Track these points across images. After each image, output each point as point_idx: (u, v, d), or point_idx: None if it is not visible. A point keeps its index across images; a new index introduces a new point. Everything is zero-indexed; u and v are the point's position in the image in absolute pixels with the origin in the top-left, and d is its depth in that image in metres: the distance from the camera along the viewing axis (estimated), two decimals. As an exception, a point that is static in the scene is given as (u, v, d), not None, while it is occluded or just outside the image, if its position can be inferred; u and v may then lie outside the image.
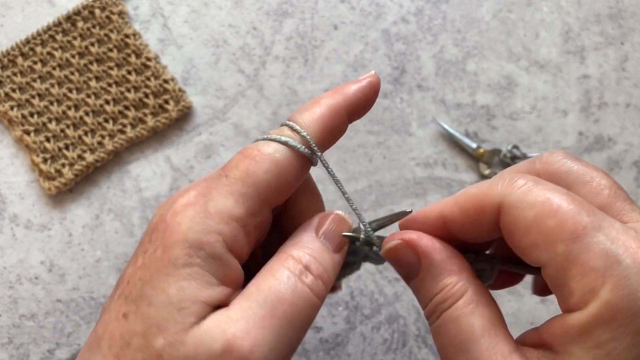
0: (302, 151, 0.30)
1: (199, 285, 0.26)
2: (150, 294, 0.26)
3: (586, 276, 0.23)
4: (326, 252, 0.30)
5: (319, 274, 0.29)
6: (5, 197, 0.59)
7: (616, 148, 0.60)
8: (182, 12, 0.63)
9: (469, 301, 0.27)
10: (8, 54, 0.61)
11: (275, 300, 0.27)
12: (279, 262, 0.29)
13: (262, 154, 0.29)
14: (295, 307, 0.27)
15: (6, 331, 0.56)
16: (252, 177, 0.28)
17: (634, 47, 0.62)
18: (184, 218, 0.27)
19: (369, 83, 0.31)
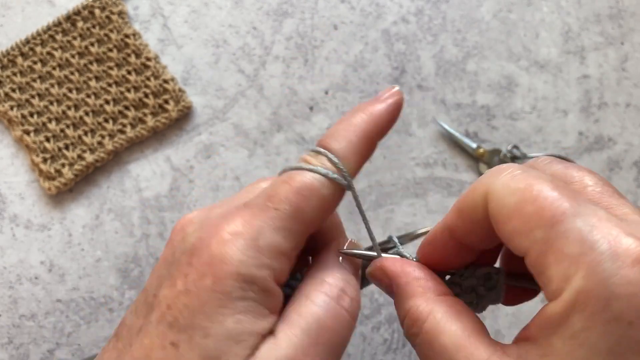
0: (342, 184, 0.30)
1: (254, 318, 0.27)
2: (206, 325, 0.26)
3: (561, 263, 0.23)
4: (353, 275, 0.31)
5: (353, 295, 0.30)
6: (5, 197, 0.59)
7: (616, 148, 0.60)
8: (182, 12, 0.63)
9: (435, 321, 0.27)
10: (8, 54, 0.61)
11: (319, 328, 0.27)
12: (314, 287, 0.29)
13: (311, 190, 0.29)
14: (337, 332, 0.28)
15: (6, 331, 0.56)
16: (300, 213, 0.28)
17: (634, 47, 0.62)
18: (234, 250, 0.27)
19: (396, 104, 0.31)
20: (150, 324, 0.27)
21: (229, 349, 0.26)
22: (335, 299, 0.29)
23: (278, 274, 0.28)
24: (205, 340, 0.26)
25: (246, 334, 0.26)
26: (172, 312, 0.26)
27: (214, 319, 0.26)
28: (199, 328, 0.26)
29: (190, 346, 0.26)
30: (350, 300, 0.29)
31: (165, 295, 0.27)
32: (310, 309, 0.28)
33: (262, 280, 0.27)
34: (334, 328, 0.28)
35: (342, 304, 0.29)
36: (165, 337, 0.26)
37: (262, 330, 0.27)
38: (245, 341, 0.26)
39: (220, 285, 0.26)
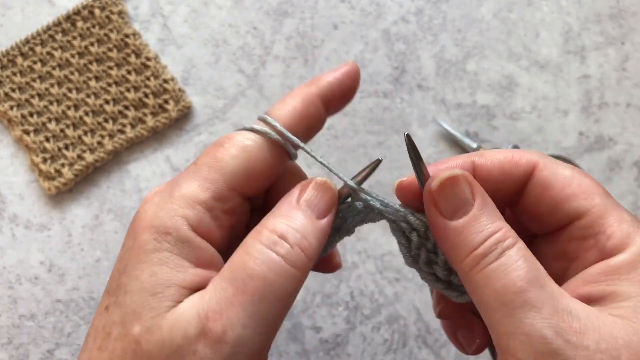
0: (274, 138, 0.30)
1: (171, 270, 0.26)
2: (126, 282, 0.26)
3: (622, 223, 0.27)
4: (307, 219, 0.28)
5: (296, 241, 0.27)
6: (5, 197, 0.59)
7: (616, 148, 0.60)
8: (182, 12, 0.63)
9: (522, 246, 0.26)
10: (8, 54, 0.61)
11: (245, 277, 0.26)
12: (252, 235, 0.28)
13: (230, 140, 0.29)
14: (268, 281, 0.26)
15: (6, 331, 0.56)
16: (218, 162, 0.28)
17: (634, 47, 0.62)
18: (150, 205, 0.28)
19: (346, 72, 0.32)
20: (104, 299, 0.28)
21: (146, 302, 0.26)
22: (270, 246, 0.26)
23: (196, 223, 0.27)
24: (125, 297, 0.26)
25: (162, 286, 0.26)
26: (110, 281, 0.28)
27: (132, 275, 0.26)
28: (122, 287, 0.27)
29: (115, 306, 0.26)
30: (289, 248, 0.27)
31: (113, 269, 0.29)
32: (240, 257, 0.27)
33: (174, 230, 0.27)
34: (266, 276, 0.26)
35: (278, 251, 0.26)
36: (103, 303, 0.28)
37: (181, 282, 0.26)
38: (161, 293, 0.26)
39: (137, 241, 0.27)
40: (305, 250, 0.27)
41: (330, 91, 0.31)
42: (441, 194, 0.28)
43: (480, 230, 0.27)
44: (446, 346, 0.55)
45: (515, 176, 0.29)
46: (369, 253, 0.57)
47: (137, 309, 0.26)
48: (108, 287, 0.28)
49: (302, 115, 0.31)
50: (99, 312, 0.27)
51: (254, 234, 0.27)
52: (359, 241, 0.57)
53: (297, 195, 0.29)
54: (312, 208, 0.29)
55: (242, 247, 0.27)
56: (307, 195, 0.29)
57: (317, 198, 0.29)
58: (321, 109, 0.31)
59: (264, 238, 0.27)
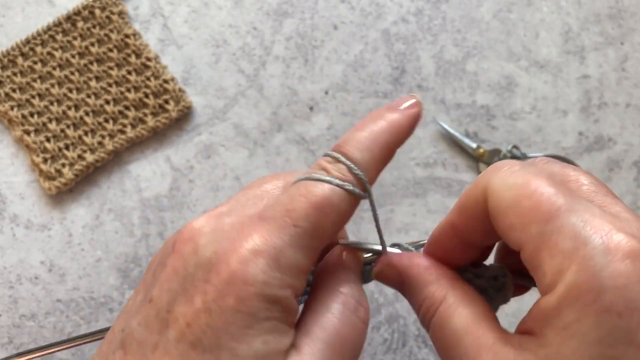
0: (361, 196, 0.29)
1: (280, 337, 0.27)
2: (233, 346, 0.25)
3: (555, 257, 0.23)
4: (359, 282, 0.32)
5: (366, 306, 0.30)
6: (6, 197, 0.59)
7: (616, 148, 0.60)
8: (182, 12, 0.63)
9: (447, 305, 0.28)
10: (8, 54, 0.61)
11: (340, 340, 0.28)
12: (332, 298, 0.29)
13: (331, 206, 0.28)
14: (355, 343, 0.28)
15: (6, 331, 0.56)
16: (321, 231, 0.28)
17: (634, 47, 0.62)
18: (257, 270, 0.26)
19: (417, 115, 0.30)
20: (168, 342, 0.26)
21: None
22: (352, 311, 0.29)
23: (298, 290, 0.28)
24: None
25: (274, 354, 0.26)
26: (194, 331, 0.26)
27: (241, 340, 0.25)
28: (226, 349, 0.25)
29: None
30: (364, 311, 0.29)
31: (183, 312, 0.26)
32: (331, 321, 0.28)
33: (285, 300, 0.27)
34: (353, 339, 0.28)
35: (358, 315, 0.29)
36: (188, 356, 0.25)
37: (286, 347, 0.27)
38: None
39: (244, 306, 0.26)
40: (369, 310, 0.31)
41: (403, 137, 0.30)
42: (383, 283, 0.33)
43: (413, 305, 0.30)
44: (446, 346, 0.55)
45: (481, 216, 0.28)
46: (369, 253, 0.57)
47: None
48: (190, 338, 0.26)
49: (381, 166, 0.30)
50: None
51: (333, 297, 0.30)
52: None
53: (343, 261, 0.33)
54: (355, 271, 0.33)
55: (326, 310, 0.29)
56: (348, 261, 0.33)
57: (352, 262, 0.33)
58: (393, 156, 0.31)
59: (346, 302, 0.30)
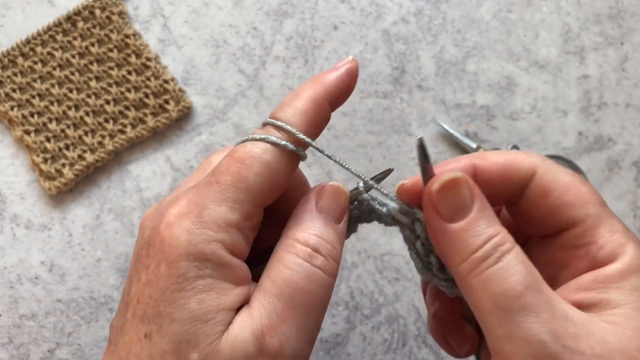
0: (290, 149, 0.29)
1: (218, 295, 0.27)
2: (170, 311, 0.26)
3: (614, 234, 0.28)
4: (330, 228, 0.30)
5: (328, 252, 0.29)
6: (6, 197, 0.59)
7: (616, 148, 0.60)
8: (182, 12, 0.63)
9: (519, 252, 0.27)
10: (8, 54, 0.61)
11: (292, 291, 0.27)
12: (286, 249, 0.29)
13: (251, 156, 0.28)
14: (312, 293, 0.27)
15: (6, 331, 0.56)
16: (243, 181, 0.28)
17: (633, 47, 0.62)
18: (181, 230, 0.27)
19: (348, 71, 0.31)
20: (127, 322, 0.28)
21: (198, 330, 0.26)
22: (307, 259, 0.28)
23: (231, 245, 0.27)
24: (173, 326, 0.26)
25: (212, 312, 0.26)
26: (141, 306, 0.27)
27: (176, 304, 0.26)
28: (165, 315, 0.26)
29: (160, 335, 0.26)
30: (324, 259, 0.28)
31: (135, 290, 0.28)
32: (282, 272, 0.28)
33: (213, 255, 0.27)
34: (310, 289, 0.27)
35: (315, 263, 0.28)
36: (139, 330, 0.27)
37: (229, 305, 0.27)
38: (213, 319, 0.26)
39: (174, 269, 0.26)
40: (335, 258, 0.29)
41: (337, 92, 0.31)
42: (441, 197, 0.28)
43: (478, 233, 0.27)
44: (446, 346, 0.55)
45: (515, 180, 0.29)
46: (369, 253, 0.57)
47: (191, 337, 0.26)
48: (139, 312, 0.27)
49: (313, 119, 0.30)
50: (135, 339, 0.27)
51: (287, 247, 0.28)
52: (359, 241, 0.57)
53: (314, 203, 0.30)
54: (330, 214, 0.30)
55: (279, 262, 0.28)
56: (325, 202, 0.30)
57: (333, 204, 0.30)
58: (328, 110, 0.31)
59: (300, 252, 0.28)
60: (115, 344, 0.28)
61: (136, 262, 0.28)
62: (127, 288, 0.29)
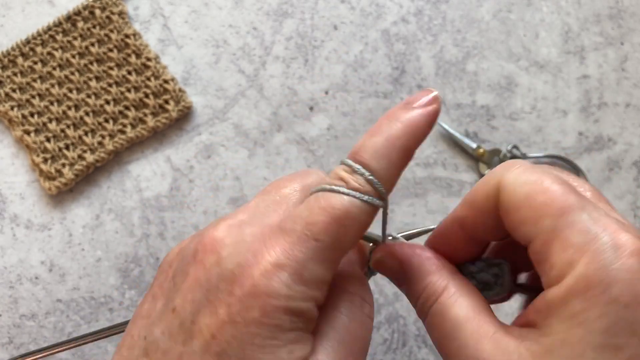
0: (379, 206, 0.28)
1: (304, 345, 0.27)
2: (258, 356, 0.26)
3: (566, 250, 0.25)
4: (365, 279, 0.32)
5: (371, 302, 0.30)
6: (6, 197, 0.59)
7: (616, 148, 0.60)
8: (182, 12, 0.63)
9: (449, 294, 0.28)
10: (8, 54, 0.61)
11: (351, 338, 0.29)
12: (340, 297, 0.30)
13: (351, 218, 0.27)
14: (364, 339, 0.29)
15: (6, 331, 0.56)
16: (341, 243, 0.28)
17: (633, 47, 0.62)
18: (280, 284, 0.26)
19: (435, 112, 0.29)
20: (193, 353, 0.26)
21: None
22: (359, 308, 0.30)
23: (320, 301, 0.28)
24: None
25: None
26: (219, 342, 0.26)
27: (266, 351, 0.26)
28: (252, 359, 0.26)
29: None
30: (369, 306, 0.30)
31: (207, 323, 0.26)
32: (342, 320, 0.29)
33: (308, 312, 0.27)
34: (362, 335, 0.29)
35: (364, 311, 0.30)
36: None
37: (309, 354, 0.27)
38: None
39: (268, 319, 0.26)
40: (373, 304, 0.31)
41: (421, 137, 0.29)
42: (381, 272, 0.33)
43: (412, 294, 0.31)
44: (446, 346, 0.55)
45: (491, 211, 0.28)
46: (369, 253, 0.57)
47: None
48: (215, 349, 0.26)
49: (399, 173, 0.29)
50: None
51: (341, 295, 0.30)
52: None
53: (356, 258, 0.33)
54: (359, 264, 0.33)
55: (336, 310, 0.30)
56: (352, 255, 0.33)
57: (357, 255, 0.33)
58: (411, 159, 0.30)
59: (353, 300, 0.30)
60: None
61: (208, 293, 0.27)
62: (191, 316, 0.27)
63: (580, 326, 0.23)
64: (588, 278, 0.24)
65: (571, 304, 0.24)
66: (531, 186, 0.26)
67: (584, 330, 0.23)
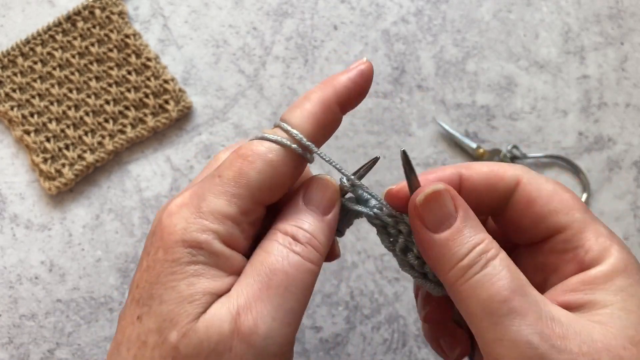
0: (295, 150, 0.30)
1: (208, 280, 0.28)
2: (161, 292, 0.27)
3: (599, 238, 0.29)
4: (312, 218, 0.30)
5: (306, 240, 0.29)
6: (6, 197, 0.59)
7: (616, 148, 0.60)
8: (182, 12, 0.63)
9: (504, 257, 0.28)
10: (8, 54, 0.61)
11: (269, 272, 0.28)
12: (268, 237, 0.30)
13: (255, 153, 0.29)
14: (289, 275, 0.28)
15: (6, 331, 0.56)
16: (244, 177, 0.29)
17: (633, 47, 0.62)
18: (179, 219, 0.28)
19: (360, 72, 0.31)
20: (127, 307, 0.29)
21: (182, 310, 0.27)
22: (286, 245, 0.29)
23: (226, 237, 0.28)
24: (161, 307, 0.27)
25: (199, 294, 0.27)
26: (139, 290, 0.28)
27: (167, 286, 0.27)
28: (156, 297, 0.27)
29: (149, 315, 0.27)
30: (303, 246, 0.29)
31: (137, 277, 0.29)
32: (261, 256, 0.29)
33: (207, 244, 0.28)
34: (287, 271, 0.28)
35: (293, 249, 0.29)
36: (134, 313, 0.28)
37: (216, 290, 0.28)
38: (198, 300, 0.27)
39: (169, 254, 0.28)
40: (315, 246, 0.29)
41: (347, 94, 0.31)
42: (425, 208, 0.29)
43: (464, 242, 0.28)
44: (446, 346, 0.55)
45: (500, 189, 0.31)
46: (369, 253, 0.57)
47: (174, 316, 0.27)
48: (136, 296, 0.28)
49: (321, 122, 0.31)
50: (129, 321, 0.28)
51: (270, 236, 0.30)
52: (359, 241, 0.57)
53: (302, 196, 0.31)
54: (316, 206, 0.31)
55: (260, 248, 0.29)
56: (311, 194, 0.31)
57: (319, 195, 0.31)
58: (338, 113, 0.31)
59: (279, 239, 0.29)
60: (118, 330, 0.29)
61: (143, 251, 0.30)
62: (133, 277, 0.30)
63: (632, 298, 0.27)
64: (625, 260, 0.28)
65: (617, 280, 0.27)
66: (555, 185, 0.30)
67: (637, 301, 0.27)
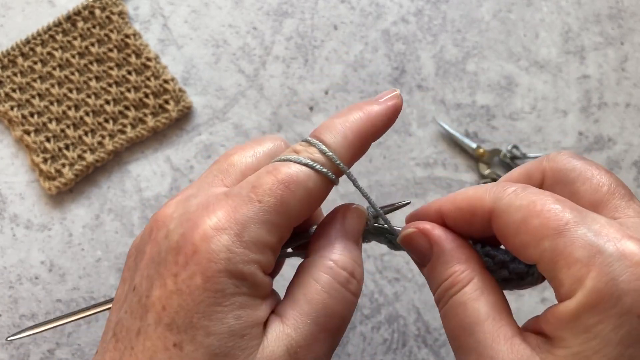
0: (331, 178, 0.30)
1: (252, 311, 0.27)
2: (206, 324, 0.26)
3: (572, 267, 0.25)
4: (358, 251, 0.31)
5: (360, 278, 0.30)
6: (6, 197, 0.59)
7: (616, 148, 0.60)
8: (182, 12, 0.63)
9: (475, 288, 0.28)
10: (8, 54, 0.61)
11: (327, 315, 0.28)
12: (322, 269, 0.29)
13: (295, 182, 0.28)
14: (343, 316, 0.29)
15: (6, 331, 0.56)
16: (285, 206, 0.28)
17: (633, 47, 0.62)
18: (219, 246, 0.27)
19: (395, 107, 0.31)
20: (148, 327, 0.27)
21: (235, 344, 0.26)
22: (342, 284, 0.29)
23: (265, 266, 0.28)
24: (209, 339, 0.26)
25: (248, 328, 0.27)
26: (168, 313, 0.27)
27: (212, 317, 0.26)
28: (200, 327, 0.26)
29: (194, 346, 0.26)
30: (357, 283, 0.30)
31: (158, 296, 0.27)
32: (319, 295, 0.29)
33: (251, 276, 0.27)
34: (341, 314, 0.29)
35: (349, 288, 0.29)
36: (167, 338, 0.26)
37: (261, 320, 0.28)
38: (249, 334, 0.27)
39: (212, 284, 0.26)
40: (361, 281, 0.30)
41: (381, 127, 0.31)
42: (407, 248, 0.31)
43: (436, 277, 0.30)
44: (446, 346, 0.55)
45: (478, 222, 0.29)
46: (369, 253, 0.57)
47: (229, 350, 0.26)
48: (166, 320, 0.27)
49: (356, 152, 0.31)
50: (162, 346, 0.26)
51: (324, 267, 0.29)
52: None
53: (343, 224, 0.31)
54: (356, 237, 0.32)
55: (315, 281, 0.29)
56: (351, 223, 0.32)
57: (357, 225, 0.32)
58: (370, 145, 0.32)
59: (337, 276, 0.29)
60: (130, 346, 0.28)
61: (159, 267, 0.28)
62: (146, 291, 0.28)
63: (595, 339, 0.24)
64: (598, 292, 0.24)
65: (584, 317, 0.24)
66: (525, 211, 0.27)
67: (599, 343, 0.24)
